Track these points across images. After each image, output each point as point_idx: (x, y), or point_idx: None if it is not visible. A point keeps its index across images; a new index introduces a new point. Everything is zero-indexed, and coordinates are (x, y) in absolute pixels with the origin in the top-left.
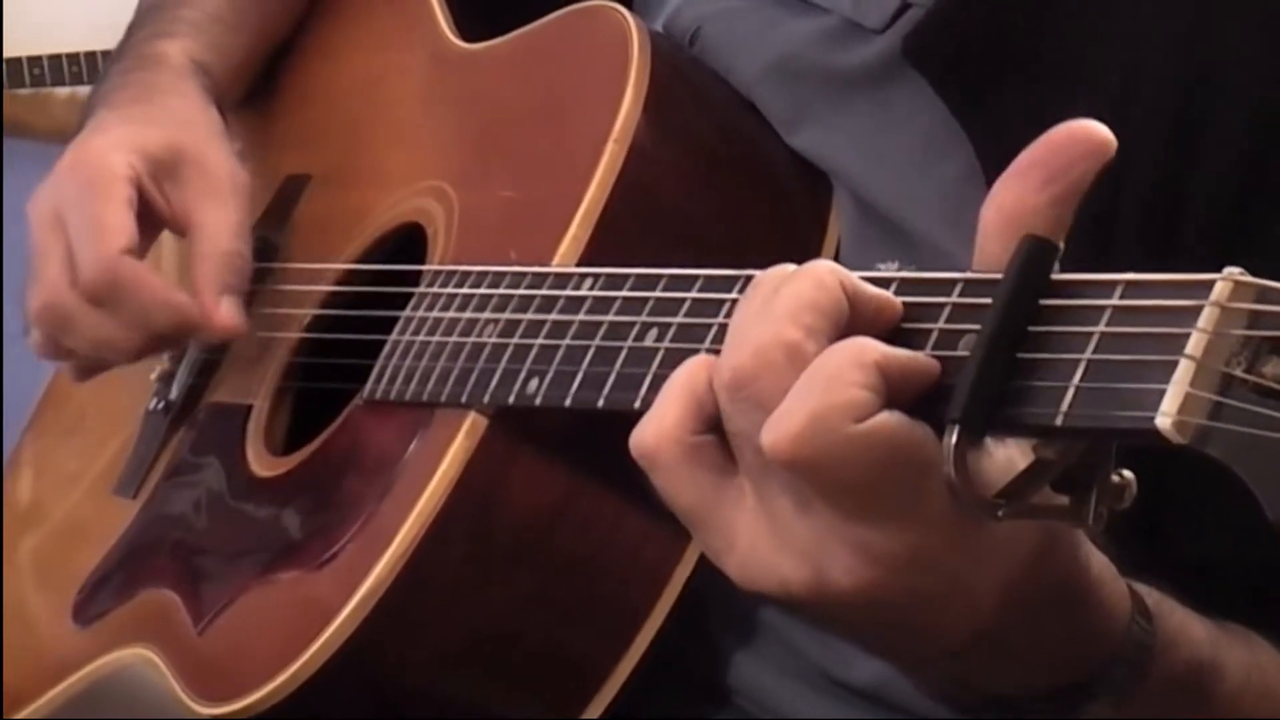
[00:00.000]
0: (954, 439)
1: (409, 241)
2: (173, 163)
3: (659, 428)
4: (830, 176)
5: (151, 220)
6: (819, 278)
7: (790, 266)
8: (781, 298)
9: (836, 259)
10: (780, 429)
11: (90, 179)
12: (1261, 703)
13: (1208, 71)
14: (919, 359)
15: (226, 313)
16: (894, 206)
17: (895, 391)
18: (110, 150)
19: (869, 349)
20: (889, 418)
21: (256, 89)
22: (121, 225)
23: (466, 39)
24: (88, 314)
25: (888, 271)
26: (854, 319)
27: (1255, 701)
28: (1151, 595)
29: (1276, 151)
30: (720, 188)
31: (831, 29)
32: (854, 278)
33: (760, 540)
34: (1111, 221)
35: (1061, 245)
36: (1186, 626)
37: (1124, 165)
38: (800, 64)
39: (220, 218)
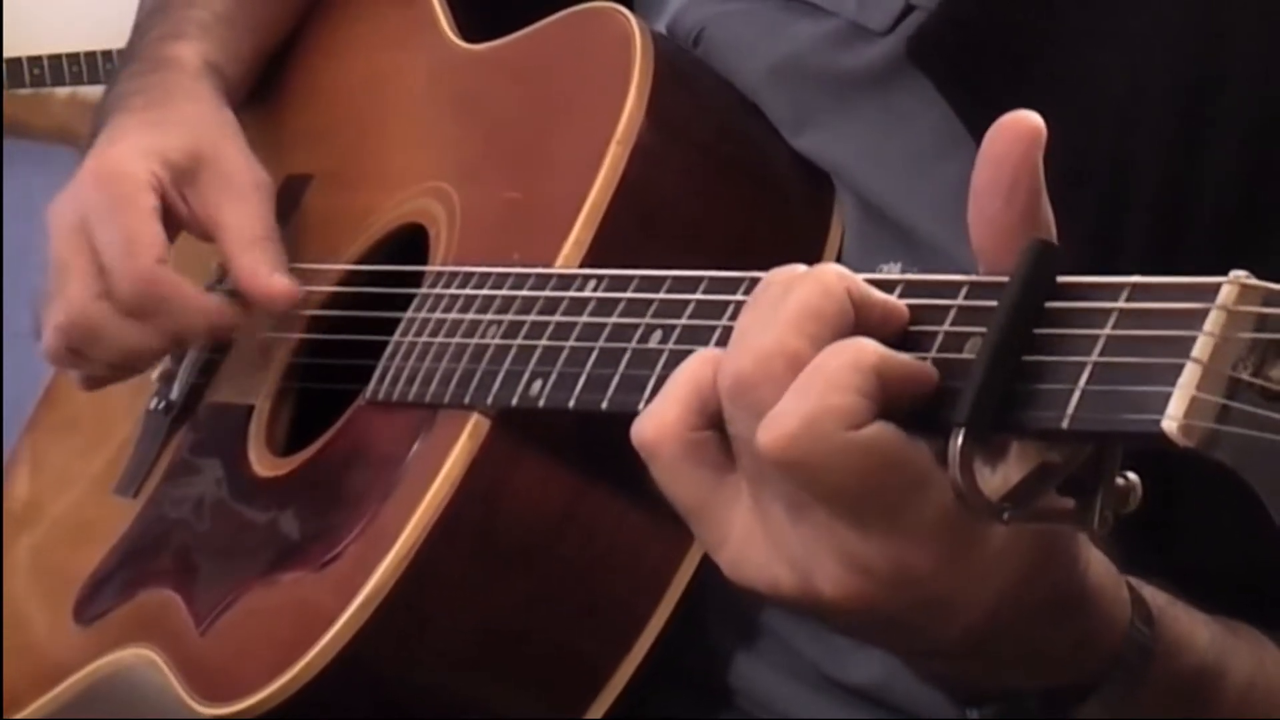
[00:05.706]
0: (959, 442)
1: (411, 242)
2: (193, 168)
3: (660, 422)
4: (833, 178)
5: (172, 226)
6: (826, 284)
7: (799, 267)
8: (788, 303)
9: (839, 260)
10: (774, 429)
11: (116, 191)
12: (1266, 705)
13: (1213, 71)
14: (917, 365)
15: (282, 285)
16: (897, 208)
17: (891, 397)
18: (131, 159)
19: (867, 351)
20: (884, 429)
21: (259, 87)
22: (153, 237)
23: (468, 40)
24: (119, 325)
25: (891, 274)
26: (859, 326)
27: (1259, 704)
28: (1157, 599)
29: None
30: (723, 189)
31: (835, 31)
32: (861, 282)
33: (753, 541)
34: (1119, 222)
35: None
36: (1191, 631)
37: (1130, 166)
38: (804, 66)
39: (245, 214)
